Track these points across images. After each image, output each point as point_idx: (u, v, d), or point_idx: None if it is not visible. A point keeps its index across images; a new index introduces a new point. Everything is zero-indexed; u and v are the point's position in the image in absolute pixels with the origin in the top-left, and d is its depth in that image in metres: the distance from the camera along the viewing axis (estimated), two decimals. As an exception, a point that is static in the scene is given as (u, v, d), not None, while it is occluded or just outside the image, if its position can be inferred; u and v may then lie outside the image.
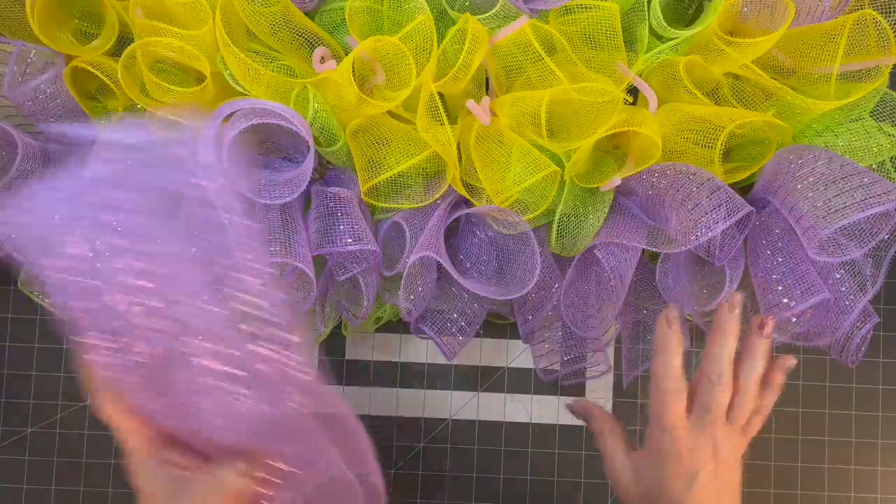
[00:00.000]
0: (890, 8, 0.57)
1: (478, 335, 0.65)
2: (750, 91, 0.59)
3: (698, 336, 0.66)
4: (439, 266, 0.58)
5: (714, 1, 0.56)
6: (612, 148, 0.61)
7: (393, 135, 0.57)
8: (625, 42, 0.57)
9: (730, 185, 0.55)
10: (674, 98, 0.57)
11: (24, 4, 0.54)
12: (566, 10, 0.56)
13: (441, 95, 0.56)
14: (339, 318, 0.63)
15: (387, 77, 0.57)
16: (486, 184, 0.56)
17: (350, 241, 0.54)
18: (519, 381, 0.66)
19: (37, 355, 0.64)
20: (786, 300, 0.55)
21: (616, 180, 0.57)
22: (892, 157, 0.58)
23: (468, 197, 0.58)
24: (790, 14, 0.54)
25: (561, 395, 0.66)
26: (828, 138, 0.58)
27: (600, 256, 0.57)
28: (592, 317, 0.59)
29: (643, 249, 0.58)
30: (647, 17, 0.57)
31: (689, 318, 0.65)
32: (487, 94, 0.59)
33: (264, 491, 0.38)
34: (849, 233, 0.54)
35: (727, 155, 0.60)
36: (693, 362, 0.66)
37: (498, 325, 0.66)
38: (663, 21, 0.55)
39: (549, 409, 0.66)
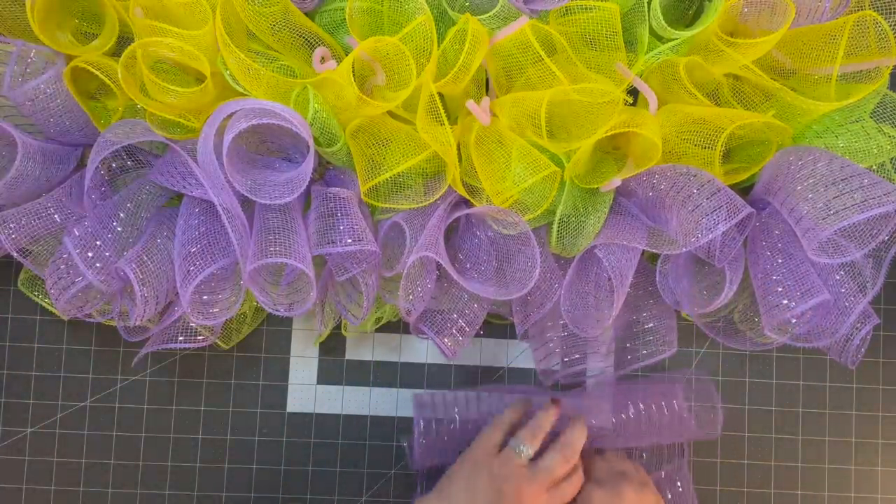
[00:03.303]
0: (890, 9, 0.57)
1: (478, 335, 0.65)
2: (750, 92, 0.59)
3: (699, 335, 0.66)
4: (439, 266, 0.58)
5: (714, 2, 0.56)
6: (613, 149, 0.61)
7: (393, 135, 0.57)
8: (625, 42, 0.57)
9: (730, 186, 0.55)
10: (674, 99, 0.57)
11: (24, 4, 0.54)
12: (566, 10, 0.56)
13: (441, 96, 0.56)
14: (339, 318, 0.63)
15: (387, 77, 0.57)
16: (486, 184, 0.56)
17: (350, 241, 0.54)
18: (519, 381, 0.66)
19: (37, 355, 0.64)
20: (786, 301, 0.55)
21: (616, 181, 0.57)
22: (892, 159, 0.58)
23: (468, 197, 0.58)
24: (790, 15, 0.54)
25: (561, 395, 0.66)
26: (828, 139, 0.58)
27: (601, 256, 0.57)
28: (592, 317, 0.59)
29: (643, 250, 0.58)
30: (647, 17, 0.57)
31: (687, 318, 0.65)
32: (487, 94, 0.59)
33: None
34: (849, 234, 0.54)
35: (727, 156, 0.60)
36: (693, 361, 0.66)
37: (498, 325, 0.66)
38: (663, 22, 0.55)
39: (548, 410, 0.66)
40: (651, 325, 0.64)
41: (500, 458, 0.56)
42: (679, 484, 0.63)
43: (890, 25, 0.55)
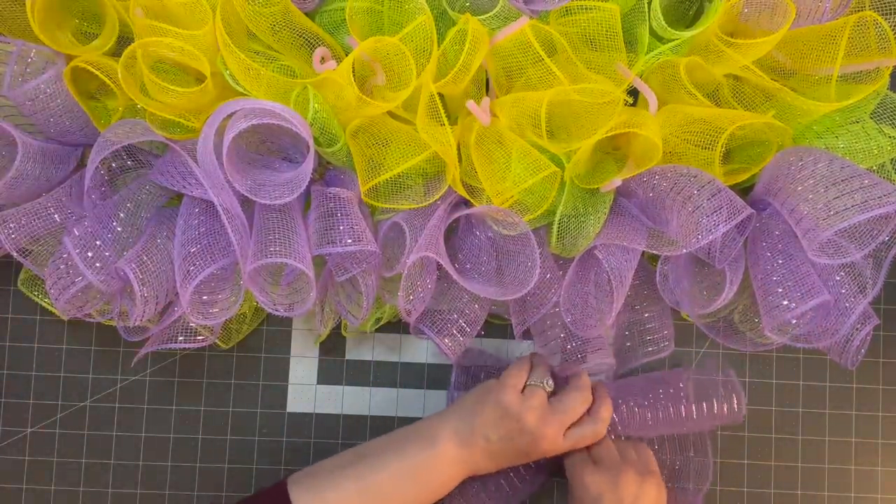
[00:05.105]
0: (890, 9, 0.57)
1: (478, 335, 0.65)
2: (750, 92, 0.59)
3: (699, 335, 0.66)
4: (439, 266, 0.58)
5: (714, 2, 0.56)
6: (613, 149, 0.61)
7: (393, 135, 0.57)
8: (625, 43, 0.57)
9: (730, 186, 0.55)
10: (674, 99, 0.57)
11: (24, 4, 0.54)
12: (566, 10, 0.56)
13: (441, 96, 0.56)
14: (339, 318, 0.63)
15: (387, 77, 0.57)
16: (486, 184, 0.56)
17: (350, 241, 0.54)
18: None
19: (37, 355, 0.64)
20: (786, 302, 0.55)
21: (616, 182, 0.57)
22: (892, 159, 0.58)
23: (468, 198, 0.58)
24: (791, 15, 0.54)
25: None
26: (828, 140, 0.58)
27: (601, 257, 0.57)
28: (592, 317, 0.59)
29: (643, 251, 0.58)
30: (647, 18, 0.57)
31: (686, 318, 0.65)
32: (487, 94, 0.59)
33: None
34: (849, 235, 0.54)
35: (727, 156, 0.60)
36: (693, 361, 0.66)
37: (498, 325, 0.66)
38: (664, 22, 0.55)
39: (548, 410, 0.66)
40: (651, 325, 0.64)
41: (524, 394, 0.56)
42: None
43: (890, 26, 0.55)
